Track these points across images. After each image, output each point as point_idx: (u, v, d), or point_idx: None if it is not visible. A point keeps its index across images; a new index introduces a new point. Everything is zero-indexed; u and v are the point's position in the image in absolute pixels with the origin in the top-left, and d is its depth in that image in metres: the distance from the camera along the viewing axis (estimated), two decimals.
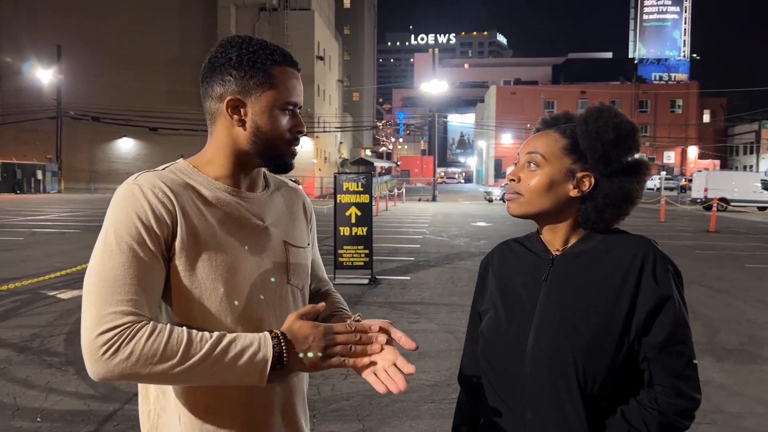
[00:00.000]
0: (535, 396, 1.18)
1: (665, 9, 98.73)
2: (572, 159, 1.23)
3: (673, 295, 1.16)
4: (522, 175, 1.26)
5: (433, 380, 4.51)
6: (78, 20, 44.35)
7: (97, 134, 44.19)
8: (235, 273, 1.15)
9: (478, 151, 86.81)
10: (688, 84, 73.70)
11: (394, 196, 32.03)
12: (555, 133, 1.27)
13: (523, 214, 1.26)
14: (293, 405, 1.26)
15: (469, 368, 1.39)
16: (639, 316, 1.15)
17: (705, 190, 26.33)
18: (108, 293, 1.03)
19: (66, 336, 5.57)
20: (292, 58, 1.23)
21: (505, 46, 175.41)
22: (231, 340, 1.05)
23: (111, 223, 1.09)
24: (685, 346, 1.16)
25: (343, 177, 8.62)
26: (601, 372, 1.14)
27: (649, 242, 1.22)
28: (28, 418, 3.76)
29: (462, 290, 8.05)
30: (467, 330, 1.45)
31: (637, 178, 1.23)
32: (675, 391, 1.15)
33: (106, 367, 1.00)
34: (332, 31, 57.35)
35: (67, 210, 22.74)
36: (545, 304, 1.21)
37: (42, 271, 8.73)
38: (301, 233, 1.33)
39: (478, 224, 18.95)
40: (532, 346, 1.19)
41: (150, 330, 1.02)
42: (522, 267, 1.30)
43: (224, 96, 1.18)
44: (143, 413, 1.21)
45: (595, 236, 1.25)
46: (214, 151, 1.22)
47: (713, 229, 17.16)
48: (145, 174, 1.15)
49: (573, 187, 1.23)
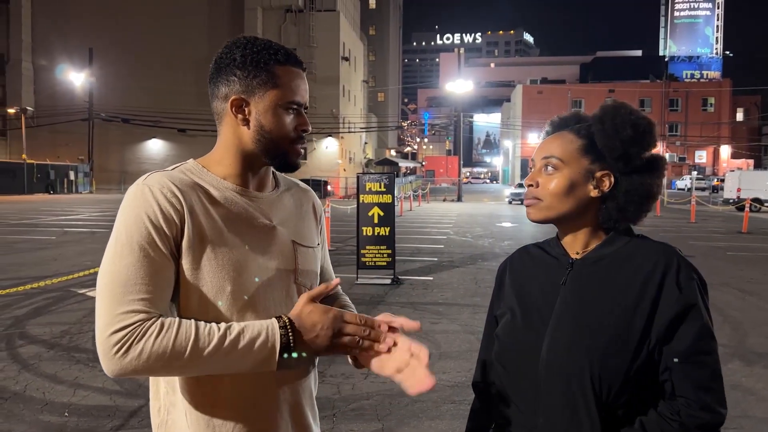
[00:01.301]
0: (548, 402, 1.16)
1: (697, 5, 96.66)
2: (590, 159, 1.21)
3: (697, 303, 1.12)
4: (540, 179, 1.24)
5: (454, 381, 4.50)
6: (109, 23, 45.37)
7: (127, 135, 45.12)
8: (242, 272, 1.16)
9: (504, 151, 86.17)
10: (721, 82, 71.97)
11: (418, 197, 31.98)
12: (569, 134, 1.24)
13: (544, 218, 1.23)
14: (300, 403, 1.27)
15: (483, 374, 1.38)
16: (660, 323, 1.11)
17: (738, 190, 25.69)
18: (119, 293, 1.06)
19: (94, 333, 5.69)
20: (297, 57, 1.24)
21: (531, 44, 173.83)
22: (239, 331, 1.08)
23: (121, 224, 1.12)
24: (709, 357, 1.12)
25: (365, 177, 8.64)
26: (617, 380, 1.10)
27: (672, 249, 1.18)
28: (56, 412, 3.86)
29: (485, 291, 8.00)
30: (483, 334, 1.43)
31: (657, 173, 1.21)
32: (699, 404, 1.10)
33: (120, 364, 1.04)
34: (357, 32, 57.51)
35: (98, 210, 23.25)
36: (562, 308, 1.19)
37: (73, 270, 8.94)
38: (310, 233, 1.34)
39: (503, 225, 18.81)
40: (547, 351, 1.17)
41: (158, 327, 1.05)
42: (540, 271, 1.27)
43: (229, 96, 1.20)
44: (154, 408, 1.23)
45: (616, 241, 1.22)
46: (222, 150, 1.24)
47: (746, 230, 16.74)
48: (155, 174, 1.17)
49: (593, 188, 1.21)
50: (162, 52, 45.00)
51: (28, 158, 37.97)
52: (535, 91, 70.49)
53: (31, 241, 12.93)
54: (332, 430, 3.65)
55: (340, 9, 47.72)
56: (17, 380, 4.41)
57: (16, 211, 22.14)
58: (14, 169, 36.39)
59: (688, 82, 74.47)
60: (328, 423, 3.72)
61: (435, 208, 27.11)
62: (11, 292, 7.01)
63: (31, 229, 15.54)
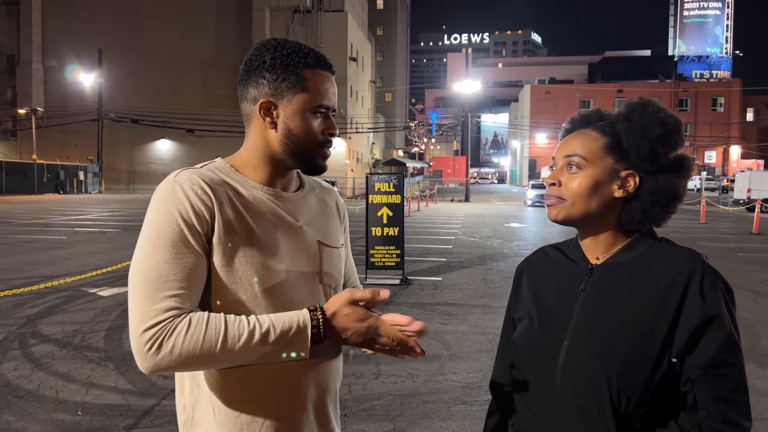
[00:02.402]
0: (564, 411, 1.13)
1: (707, 5, 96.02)
2: (614, 158, 1.17)
3: (721, 314, 1.08)
4: (562, 178, 1.20)
5: (465, 381, 4.49)
6: (118, 24, 45.65)
7: (136, 136, 45.37)
8: (269, 270, 1.17)
9: (512, 151, 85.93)
10: (731, 81, 71.45)
11: (426, 197, 31.96)
12: (593, 131, 1.20)
13: (567, 219, 1.19)
14: (324, 402, 1.27)
15: (500, 376, 1.36)
16: (681, 334, 1.08)
17: (748, 190, 25.49)
18: (151, 290, 1.08)
19: (106, 332, 5.73)
20: (326, 60, 1.24)
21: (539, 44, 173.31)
22: (270, 323, 1.10)
23: (153, 221, 1.13)
24: (733, 369, 1.08)
25: (374, 177, 8.64)
26: (636, 391, 1.07)
27: (697, 256, 1.14)
28: (70, 411, 3.88)
29: (494, 292, 7.98)
30: (501, 336, 1.40)
31: (683, 174, 1.18)
32: (720, 417, 1.06)
33: (153, 361, 1.06)
34: (365, 32, 57.54)
35: (108, 210, 23.40)
36: (580, 315, 1.16)
37: (84, 269, 9.00)
38: (335, 233, 1.35)
39: (511, 225, 18.76)
40: (564, 359, 1.14)
41: (188, 323, 1.07)
42: (558, 275, 1.24)
43: (258, 98, 1.21)
44: (179, 405, 1.24)
45: (639, 246, 1.18)
46: (249, 152, 1.25)
47: (756, 231, 16.61)
48: (185, 171, 1.18)
49: (618, 188, 1.17)
50: (170, 53, 45.22)
51: (38, 158, 38.26)
52: (543, 91, 70.26)
53: (42, 240, 13.02)
54: (343, 430, 3.66)
55: (348, 9, 47.77)
56: (30, 379, 4.45)
57: (27, 210, 22.30)
58: (24, 169, 36.67)
59: (698, 82, 74.02)
60: (339, 423, 3.73)
61: (443, 209, 27.08)
62: (23, 292, 7.07)
63: (42, 228, 15.65)
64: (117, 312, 6.50)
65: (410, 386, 4.36)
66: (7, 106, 47.80)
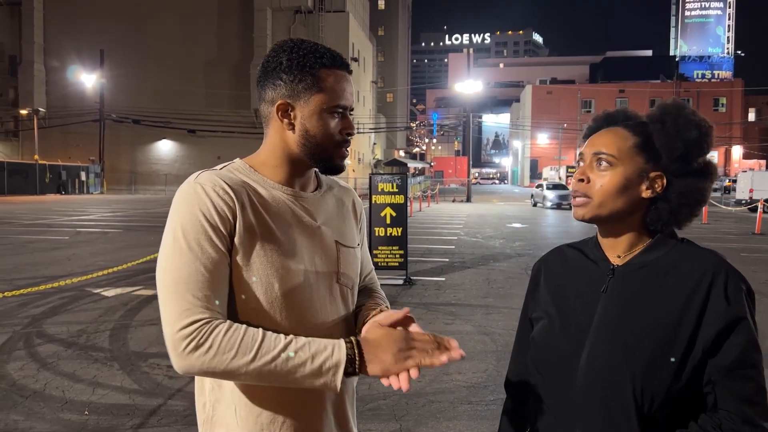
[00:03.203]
0: (586, 413, 1.12)
1: (708, 5, 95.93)
2: (644, 158, 1.16)
3: (746, 316, 1.08)
4: (591, 175, 1.18)
5: (470, 382, 4.49)
6: (119, 25, 45.71)
7: (137, 136, 45.42)
8: (289, 270, 1.18)
9: (514, 151, 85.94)
10: (732, 82, 71.48)
11: (428, 197, 31.97)
12: (623, 130, 1.19)
13: (594, 217, 1.17)
14: (343, 402, 1.28)
15: (516, 375, 1.35)
16: (706, 336, 1.07)
17: (750, 191, 25.46)
18: (183, 289, 1.08)
19: (110, 332, 5.74)
20: (343, 59, 1.24)
21: (541, 45, 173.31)
22: (305, 342, 1.08)
23: (177, 222, 1.13)
24: (755, 370, 1.08)
25: (378, 178, 8.65)
26: (660, 393, 1.07)
27: (720, 258, 1.14)
28: (76, 411, 3.89)
29: (497, 292, 7.99)
30: (516, 335, 1.39)
31: (710, 178, 1.18)
32: (741, 418, 1.07)
33: (188, 361, 1.06)
34: (366, 33, 57.58)
35: (110, 210, 23.43)
36: (603, 317, 1.15)
37: (87, 270, 9.01)
38: (351, 233, 1.35)
39: (513, 225, 18.75)
40: (587, 361, 1.13)
41: (227, 326, 1.07)
42: (578, 275, 1.23)
43: (275, 100, 1.21)
44: (199, 404, 1.25)
45: (661, 246, 1.18)
46: (268, 152, 1.26)
47: (759, 231, 16.59)
48: (205, 173, 1.19)
49: (646, 188, 1.16)
50: (172, 53, 45.27)
51: (40, 159, 38.33)
52: (545, 92, 70.29)
53: (44, 241, 13.04)
54: None
55: (350, 10, 47.84)
56: (36, 379, 4.46)
57: (29, 211, 22.34)
58: (26, 169, 36.73)
59: (699, 82, 74.01)
60: (356, 423, 3.73)
61: (444, 209, 27.08)
62: (28, 292, 7.08)
63: (44, 229, 15.68)
64: (121, 312, 6.51)
65: (415, 386, 4.36)
66: (9, 107, 47.86)
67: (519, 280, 8.89)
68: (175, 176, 46.03)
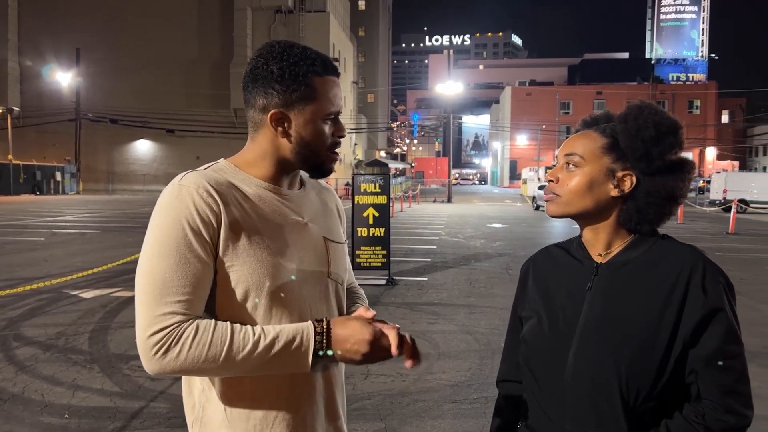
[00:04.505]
0: (575, 407, 1.16)
1: (683, 9, 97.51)
2: (612, 158, 1.21)
3: (723, 307, 1.12)
4: (561, 175, 1.24)
5: (454, 380, 4.52)
6: (96, 23, 45.00)
7: (115, 136, 44.78)
8: (279, 268, 1.18)
9: (493, 152, 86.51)
10: (707, 84, 72.84)
11: (409, 198, 32.03)
12: (594, 132, 1.24)
13: (562, 214, 1.24)
14: (334, 396, 1.29)
15: (507, 373, 1.39)
16: (686, 328, 1.11)
17: (724, 191, 26.00)
18: (158, 295, 1.09)
19: (90, 334, 5.66)
20: (332, 65, 1.25)
21: (520, 47, 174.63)
22: (274, 336, 1.10)
23: (159, 225, 1.13)
24: (736, 360, 1.12)
25: (360, 178, 8.65)
26: (645, 386, 1.11)
27: (699, 252, 1.18)
28: (56, 414, 3.83)
29: (479, 291, 8.04)
30: (507, 334, 1.43)
31: (680, 176, 1.20)
32: (724, 407, 1.10)
33: (159, 365, 1.08)
34: (347, 33, 57.50)
35: (86, 211, 23.05)
36: (589, 314, 1.18)
37: (65, 271, 8.87)
38: (338, 230, 1.37)
39: (493, 226, 18.89)
40: (574, 357, 1.17)
41: (194, 330, 1.08)
42: (564, 274, 1.27)
43: (268, 108, 1.21)
44: (187, 406, 1.24)
45: (641, 244, 1.21)
46: (256, 155, 1.25)
47: (733, 231, 16.95)
48: (190, 174, 1.18)
49: (614, 187, 1.20)
50: (151, 52, 44.69)
51: (14, 159, 37.53)
52: (524, 93, 70.89)
53: (20, 242, 12.79)
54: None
55: (330, 10, 47.73)
56: (15, 382, 4.38)
57: (4, 212, 21.88)
58: (0, 169, 35.96)
59: (675, 85, 75.25)
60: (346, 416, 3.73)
61: (426, 210, 27.17)
62: (4, 294, 6.94)
63: (19, 230, 15.37)
64: (100, 314, 6.41)
65: (400, 386, 4.38)
66: None
67: (500, 279, 8.96)
68: (154, 176, 45.46)
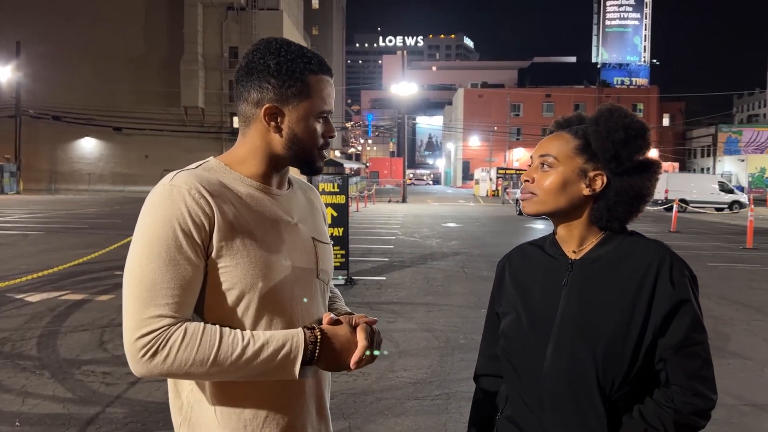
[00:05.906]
0: (555, 397, 1.22)
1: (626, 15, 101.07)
2: (584, 159, 1.27)
3: (689, 298, 1.20)
4: (536, 175, 1.30)
5: (416, 378, 4.57)
6: (39, 16, 43.15)
7: (58, 134, 43.07)
8: (272, 268, 1.18)
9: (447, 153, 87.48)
10: (649, 88, 75.73)
11: (364, 198, 32.06)
12: (567, 134, 1.30)
13: (538, 212, 1.30)
14: (323, 395, 1.31)
15: (485, 367, 1.45)
16: (655, 318, 1.19)
17: (665, 191, 27.08)
18: (146, 297, 1.07)
19: (38, 339, 5.43)
20: (327, 65, 1.26)
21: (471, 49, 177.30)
22: (263, 342, 1.10)
23: (148, 226, 1.11)
24: (701, 347, 1.21)
25: (319, 177, 8.60)
26: (620, 374, 1.18)
27: (665, 247, 1.26)
28: (6, 422, 3.67)
29: (437, 290, 8.14)
30: (484, 330, 1.48)
31: (648, 176, 1.27)
32: (691, 391, 1.19)
33: (146, 367, 1.06)
34: (301, 32, 57.03)
35: (28, 212, 22.07)
36: (565, 308, 1.25)
37: (8, 274, 8.47)
38: (324, 230, 1.38)
39: (448, 225, 19.12)
40: (553, 350, 1.23)
41: (182, 334, 1.07)
42: (539, 270, 1.33)
43: (262, 103, 1.21)
44: (174, 407, 1.23)
45: (611, 240, 1.28)
46: (247, 151, 1.25)
47: (674, 229, 17.71)
48: (182, 174, 1.16)
49: (585, 186, 1.26)
50: (97, 47, 43.18)
51: None
52: (476, 95, 71.97)
53: None
54: None
55: (283, 8, 47.22)
56: None
57: None
58: None
59: (619, 88, 77.86)
60: None
61: (381, 209, 27.24)
62: None
63: None
64: (48, 318, 6.16)
65: (362, 384, 4.39)
66: None
67: (457, 278, 9.09)
68: (99, 175, 43.95)
